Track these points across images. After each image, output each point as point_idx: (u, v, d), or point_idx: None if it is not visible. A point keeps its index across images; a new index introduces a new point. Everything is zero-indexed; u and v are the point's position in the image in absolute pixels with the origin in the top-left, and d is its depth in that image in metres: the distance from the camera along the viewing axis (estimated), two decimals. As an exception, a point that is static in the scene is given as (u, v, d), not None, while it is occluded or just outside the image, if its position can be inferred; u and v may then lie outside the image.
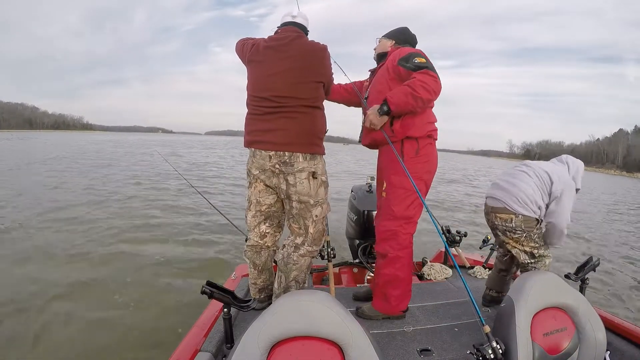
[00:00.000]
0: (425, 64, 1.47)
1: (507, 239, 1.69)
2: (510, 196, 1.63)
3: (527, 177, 1.66)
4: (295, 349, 0.90)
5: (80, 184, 8.27)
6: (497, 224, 1.70)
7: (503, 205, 1.64)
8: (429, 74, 1.44)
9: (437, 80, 1.45)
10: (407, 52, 1.54)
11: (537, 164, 1.73)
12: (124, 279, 3.25)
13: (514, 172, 1.73)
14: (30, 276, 3.16)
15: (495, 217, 1.69)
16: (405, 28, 1.78)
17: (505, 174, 1.76)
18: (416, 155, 1.57)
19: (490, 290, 1.93)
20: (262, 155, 1.52)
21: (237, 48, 1.68)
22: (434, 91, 1.44)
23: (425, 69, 1.45)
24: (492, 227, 1.77)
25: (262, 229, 1.66)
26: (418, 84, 1.42)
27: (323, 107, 1.63)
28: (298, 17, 1.63)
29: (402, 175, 1.53)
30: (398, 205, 1.60)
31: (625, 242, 6.75)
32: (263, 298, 1.75)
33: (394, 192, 1.61)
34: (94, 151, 20.93)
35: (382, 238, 1.66)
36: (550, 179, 1.63)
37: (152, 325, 2.53)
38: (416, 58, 1.49)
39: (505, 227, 1.66)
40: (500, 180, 1.73)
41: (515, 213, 1.62)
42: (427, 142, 1.60)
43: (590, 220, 8.77)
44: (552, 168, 1.68)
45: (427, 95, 1.43)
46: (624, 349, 1.42)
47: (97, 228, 4.74)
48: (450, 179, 16.14)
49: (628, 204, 13.77)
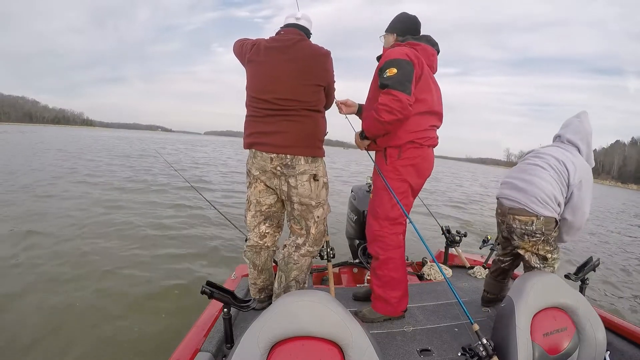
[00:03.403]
0: (390, 79, 1.40)
1: (524, 243, 1.56)
2: (529, 196, 1.49)
3: (543, 171, 1.51)
4: (295, 349, 0.91)
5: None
6: (515, 227, 1.54)
7: (522, 207, 1.50)
8: (390, 93, 1.39)
9: (398, 99, 1.37)
10: (384, 60, 1.46)
11: (547, 152, 1.57)
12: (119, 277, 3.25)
13: (526, 168, 1.57)
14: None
15: (513, 219, 1.54)
16: (402, 14, 1.69)
17: (518, 171, 1.60)
18: (399, 158, 1.57)
19: (488, 293, 1.89)
20: (263, 157, 1.52)
21: (236, 48, 1.67)
22: (397, 111, 1.38)
23: (387, 87, 1.40)
24: (509, 231, 1.60)
25: (261, 229, 1.66)
26: (380, 108, 1.40)
27: (324, 110, 1.64)
28: (302, 19, 1.62)
29: (387, 179, 1.57)
30: (381, 207, 1.62)
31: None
32: (263, 298, 1.75)
33: (378, 195, 1.63)
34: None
35: (371, 239, 1.68)
36: (566, 169, 1.48)
37: (152, 325, 2.52)
38: (387, 70, 1.42)
39: (524, 230, 1.52)
40: (514, 179, 1.58)
41: (537, 215, 1.48)
42: (412, 146, 1.56)
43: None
44: (563, 154, 1.53)
45: (390, 117, 1.40)
46: (624, 349, 1.43)
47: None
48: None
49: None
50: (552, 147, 1.61)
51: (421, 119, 1.55)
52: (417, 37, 1.63)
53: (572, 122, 1.64)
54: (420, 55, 1.53)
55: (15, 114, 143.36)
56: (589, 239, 7.20)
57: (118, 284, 3.12)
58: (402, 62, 1.42)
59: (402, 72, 1.41)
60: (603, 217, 11.77)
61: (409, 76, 1.42)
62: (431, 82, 1.58)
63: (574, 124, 1.62)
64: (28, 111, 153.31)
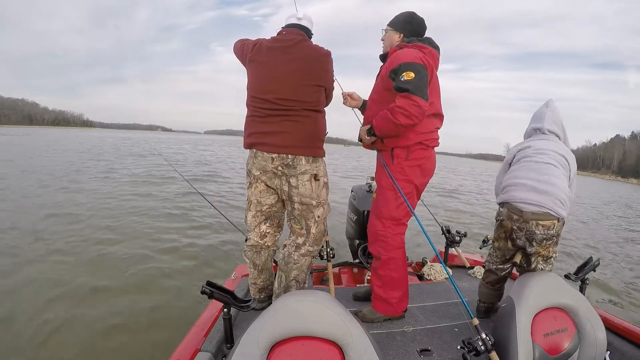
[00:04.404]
0: (409, 84, 1.38)
1: (542, 248, 1.46)
2: (553, 199, 1.40)
3: (556, 170, 1.44)
4: (295, 349, 0.90)
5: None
6: (537, 233, 1.42)
7: (547, 211, 1.40)
8: (410, 98, 1.37)
9: (418, 104, 1.36)
10: (398, 63, 1.44)
11: (547, 147, 1.52)
12: (120, 277, 3.25)
13: (540, 168, 1.46)
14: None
15: (536, 225, 1.42)
16: (412, 14, 1.64)
17: (532, 171, 1.48)
18: (406, 159, 1.57)
19: (484, 303, 1.76)
20: (264, 157, 1.52)
21: (236, 48, 1.67)
22: (414, 116, 1.38)
23: (407, 92, 1.37)
24: (528, 238, 1.46)
25: (262, 229, 1.66)
26: (397, 110, 1.39)
27: (324, 111, 1.64)
28: (304, 19, 1.62)
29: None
30: (386, 207, 1.61)
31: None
32: (263, 298, 1.75)
33: (384, 194, 1.63)
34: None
35: (373, 239, 1.68)
36: (567, 161, 1.47)
37: (150, 326, 2.52)
38: (404, 74, 1.39)
39: (545, 235, 1.42)
40: (529, 180, 1.46)
41: (559, 217, 1.41)
42: (419, 147, 1.57)
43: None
44: (558, 147, 1.51)
45: (406, 122, 1.39)
46: (624, 349, 1.42)
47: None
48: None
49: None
50: (544, 141, 1.56)
51: (429, 121, 1.56)
52: (422, 39, 1.62)
53: (544, 112, 1.62)
54: (429, 59, 1.51)
55: (15, 116, 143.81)
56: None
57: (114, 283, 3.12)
58: (418, 66, 1.42)
59: (419, 77, 1.39)
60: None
61: (425, 81, 1.41)
62: (437, 85, 1.59)
63: (548, 114, 1.61)
64: (28, 113, 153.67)
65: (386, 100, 1.50)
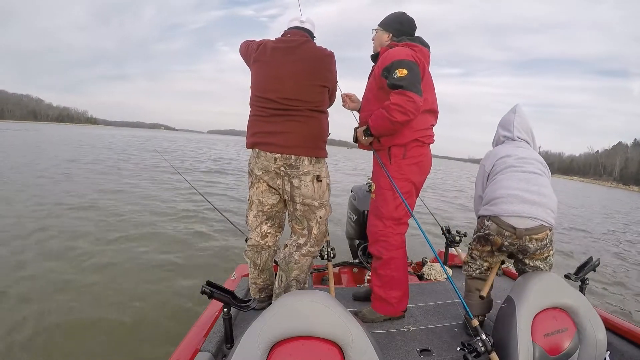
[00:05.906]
0: (403, 80, 1.39)
1: (537, 255, 1.42)
2: (545, 209, 1.35)
3: (544, 179, 1.43)
4: (295, 349, 0.90)
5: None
6: (531, 246, 1.37)
7: (540, 223, 1.33)
8: (405, 94, 1.38)
9: (412, 100, 1.38)
10: (391, 60, 1.45)
11: (529, 156, 1.49)
12: (119, 278, 3.25)
13: (529, 178, 1.41)
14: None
15: (530, 240, 1.35)
16: (400, 14, 1.66)
17: (522, 181, 1.41)
18: (403, 157, 1.57)
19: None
20: (267, 157, 1.52)
21: (242, 49, 1.68)
22: (410, 112, 1.39)
23: (401, 88, 1.39)
24: (520, 251, 1.41)
25: (263, 229, 1.66)
26: (393, 107, 1.40)
27: (327, 112, 1.65)
28: (306, 22, 1.64)
29: (392, 178, 1.57)
30: (386, 207, 1.61)
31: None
32: (263, 298, 1.75)
33: (383, 194, 1.62)
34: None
35: (374, 239, 1.67)
36: (546, 167, 1.49)
37: (150, 327, 2.52)
38: (397, 71, 1.41)
39: (538, 246, 1.37)
40: (522, 191, 1.38)
41: (550, 227, 1.36)
42: (416, 145, 1.58)
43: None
44: (535, 154, 1.51)
45: (402, 118, 1.40)
46: (624, 349, 1.42)
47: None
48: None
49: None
50: (522, 149, 1.53)
51: (424, 118, 1.57)
52: (412, 38, 1.63)
53: (513, 119, 1.61)
54: (420, 56, 1.54)
55: (20, 111, 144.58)
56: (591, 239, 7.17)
57: (113, 283, 3.12)
58: (410, 63, 1.43)
59: (412, 73, 1.41)
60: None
61: (418, 78, 1.43)
62: (430, 82, 1.60)
63: (517, 121, 1.60)
64: (32, 109, 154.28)
65: (380, 99, 1.51)
